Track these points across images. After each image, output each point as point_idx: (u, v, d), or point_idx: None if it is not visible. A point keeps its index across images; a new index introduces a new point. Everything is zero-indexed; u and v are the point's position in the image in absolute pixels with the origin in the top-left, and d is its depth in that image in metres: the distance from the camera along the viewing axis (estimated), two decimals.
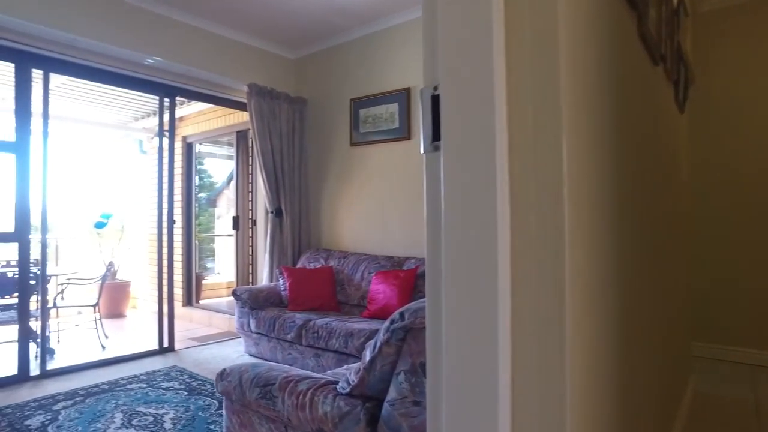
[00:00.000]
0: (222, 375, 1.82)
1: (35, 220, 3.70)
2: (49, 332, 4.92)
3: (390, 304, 3.79)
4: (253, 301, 4.13)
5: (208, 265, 9.49)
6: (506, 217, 0.97)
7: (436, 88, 1.09)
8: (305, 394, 1.56)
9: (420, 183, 4.25)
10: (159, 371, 3.69)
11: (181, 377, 3.55)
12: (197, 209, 9.16)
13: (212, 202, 10.26)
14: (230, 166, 6.26)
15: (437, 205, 1.05)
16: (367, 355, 1.41)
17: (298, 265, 4.76)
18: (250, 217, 5.22)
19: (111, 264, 5.03)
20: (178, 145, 6.50)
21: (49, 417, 2.86)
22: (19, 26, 3.41)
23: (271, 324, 3.90)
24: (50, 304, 4.81)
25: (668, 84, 2.36)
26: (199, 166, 10.99)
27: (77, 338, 5.06)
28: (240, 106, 4.90)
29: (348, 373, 1.52)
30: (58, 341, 5.04)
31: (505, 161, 0.98)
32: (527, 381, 0.98)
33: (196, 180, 10.64)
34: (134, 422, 2.74)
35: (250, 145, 5.17)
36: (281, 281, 4.32)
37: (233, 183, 6.05)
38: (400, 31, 4.42)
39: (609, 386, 1.29)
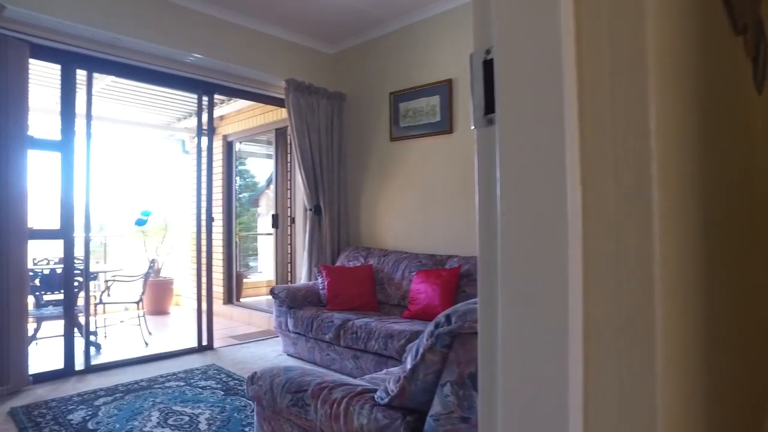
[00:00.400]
0: (253, 379, 1.71)
1: (80, 218, 3.73)
2: (96, 328, 5.02)
3: (432, 304, 3.62)
4: (291, 300, 4.04)
5: (251, 264, 9.59)
6: (577, 201, 0.80)
7: (488, 52, 0.92)
8: (340, 402, 1.42)
9: (464, 178, 4.06)
10: (197, 369, 3.65)
11: (218, 376, 3.49)
12: (239, 209, 9.25)
13: (254, 202, 10.37)
14: (271, 165, 6.24)
15: (491, 189, 0.88)
16: (409, 362, 1.26)
17: (337, 264, 4.65)
18: (289, 214, 5.16)
19: (153, 261, 5.08)
20: (218, 144, 6.53)
21: (89, 412, 2.85)
22: (64, 27, 3.45)
23: (309, 324, 3.80)
24: (96, 301, 4.91)
25: (747, 60, 2.10)
26: (241, 167, 11.13)
27: (122, 334, 5.13)
28: (278, 103, 4.83)
29: (387, 381, 1.37)
30: (105, 336, 5.13)
31: (575, 133, 0.80)
32: (605, 402, 0.80)
33: (237, 180, 10.74)
34: (170, 421, 2.69)
35: (288, 142, 5.11)
36: (320, 280, 4.22)
37: (273, 182, 6.01)
38: (439, 21, 4.24)
39: (704, 414, 1.09)
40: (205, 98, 4.40)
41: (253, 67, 4.39)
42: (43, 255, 5.21)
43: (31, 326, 4.48)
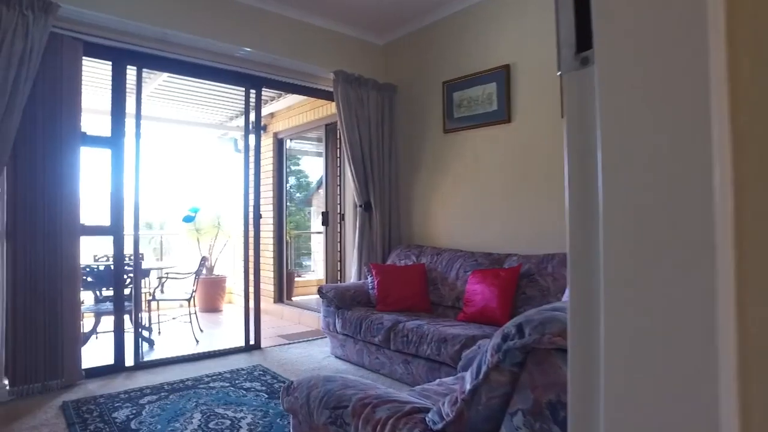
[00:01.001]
0: (288, 389, 1.52)
1: (133, 215, 3.72)
2: (150, 324, 5.07)
3: (489, 306, 3.34)
4: (339, 300, 3.87)
5: (305, 263, 9.57)
6: (727, 168, 0.53)
7: None
8: (384, 424, 1.20)
9: (523, 170, 3.75)
10: (243, 370, 3.55)
11: (263, 377, 3.37)
12: (292, 208, 9.24)
13: (308, 202, 10.36)
14: (322, 163, 6.13)
15: (587, 158, 0.63)
16: (468, 381, 1.02)
17: (388, 262, 4.45)
18: (338, 211, 5.00)
19: (204, 259, 5.07)
20: (269, 142, 6.49)
21: (134, 411, 2.79)
22: (115, 24, 3.43)
23: (358, 325, 3.61)
24: (149, 297, 4.95)
25: None
26: (294, 167, 11.17)
27: (175, 331, 5.15)
28: (327, 96, 4.68)
29: (442, 402, 1.13)
30: (159, 333, 5.17)
31: (722, 65, 0.54)
32: None
33: (290, 181, 10.77)
34: (211, 425, 2.57)
35: (338, 137, 4.96)
36: (369, 279, 4.03)
37: (323, 178, 5.89)
38: (493, 4, 3.94)
39: None
40: (252, 92, 4.31)
41: (301, 60, 4.26)
42: (102, 252, 5.33)
43: (90, 321, 4.57)
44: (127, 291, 4.07)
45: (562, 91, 0.70)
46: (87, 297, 4.90)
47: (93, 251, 5.46)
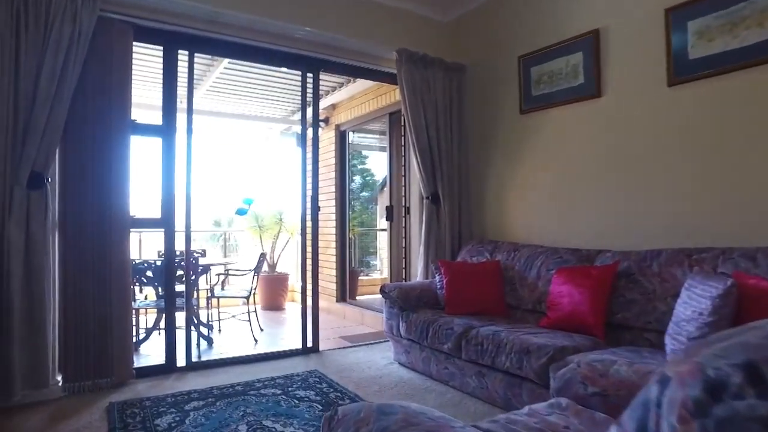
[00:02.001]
0: (330, 423, 1.13)
1: (184, 208, 3.52)
2: (210, 322, 4.92)
3: (578, 310, 2.81)
4: (403, 301, 3.47)
5: (371, 262, 9.28)
6: None
7: None
8: None
9: (617, 152, 3.17)
10: (297, 375, 3.23)
11: (319, 385, 3.03)
12: (359, 207, 8.96)
13: (374, 200, 10.09)
14: (386, 158, 5.76)
15: None
16: None
17: (458, 259, 3.99)
18: (404, 204, 4.60)
19: (263, 256, 4.84)
20: (330, 135, 6.22)
21: (177, 418, 2.53)
22: (165, 5, 3.23)
23: (424, 329, 3.19)
24: (208, 294, 4.79)
25: None
26: (361, 166, 10.94)
27: (235, 329, 4.98)
28: (390, 79, 4.30)
29: None
30: (220, 331, 5.02)
31: None
32: None
33: (356, 180, 10.51)
34: None
35: (403, 124, 4.56)
36: (437, 278, 3.59)
37: (387, 170, 5.52)
38: None
39: None
40: (310, 75, 4.00)
41: (362, 38, 3.90)
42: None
43: (152, 317, 4.47)
44: (182, 288, 3.90)
45: None
46: (149, 293, 4.83)
47: (157, 247, 5.44)
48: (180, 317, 3.52)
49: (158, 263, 4.12)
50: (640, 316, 2.64)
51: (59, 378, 2.92)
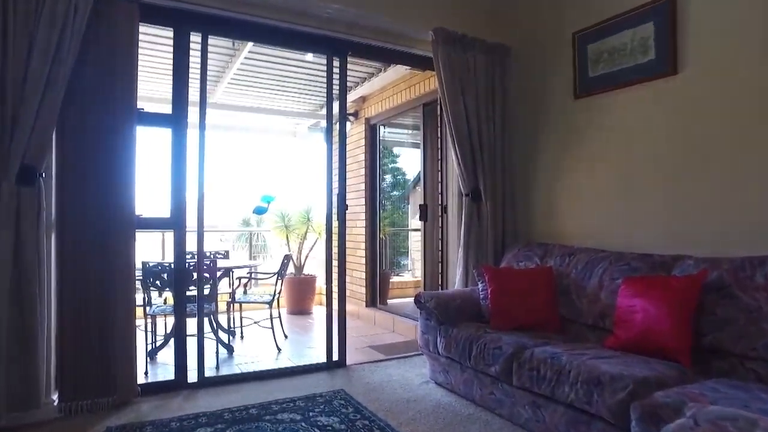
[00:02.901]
0: None
1: (196, 207, 3.15)
2: (232, 328, 4.58)
3: (656, 330, 2.29)
4: (441, 313, 3.00)
5: (402, 262, 8.85)
6: None
7: None
8: None
9: (702, 140, 2.63)
10: (320, 396, 2.81)
11: (344, 410, 2.60)
12: (389, 206, 8.53)
13: (405, 199, 9.65)
14: (419, 156, 5.32)
15: None
16: None
17: (503, 265, 3.49)
18: (440, 202, 4.12)
19: (287, 258, 4.46)
20: (360, 129, 5.80)
21: None
22: None
23: (466, 348, 2.72)
24: (230, 299, 4.45)
25: None
26: (392, 164, 10.50)
27: (258, 336, 4.62)
28: (425, 63, 3.83)
29: None
30: (242, 337, 4.68)
31: None
32: None
33: (387, 178, 10.05)
34: None
35: (439, 113, 4.10)
36: (480, 286, 3.11)
37: (420, 165, 5.06)
38: None
39: None
40: (336, 59, 3.58)
41: (394, 17, 3.45)
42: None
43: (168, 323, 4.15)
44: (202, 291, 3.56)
45: None
46: (168, 297, 4.51)
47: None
48: (193, 325, 3.16)
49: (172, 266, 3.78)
50: (741, 341, 2.10)
51: (55, 397, 2.59)
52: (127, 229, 2.74)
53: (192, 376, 3.06)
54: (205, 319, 3.94)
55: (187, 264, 3.18)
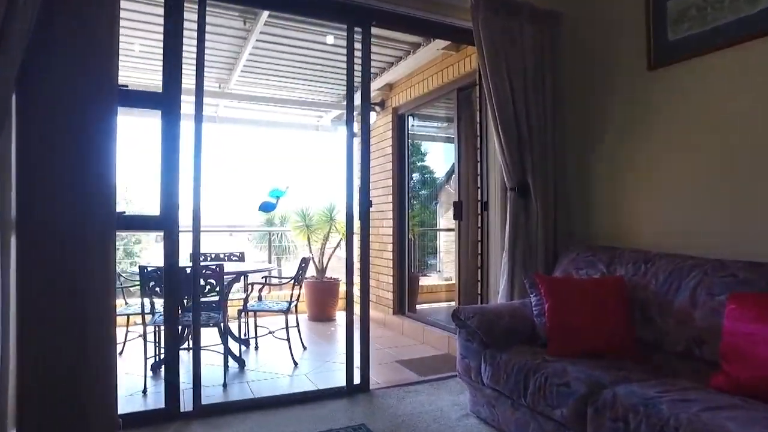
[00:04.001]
0: None
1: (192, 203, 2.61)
2: (245, 338, 4.07)
3: None
4: (486, 333, 2.37)
5: (430, 262, 8.23)
6: None
7: None
8: None
9: None
10: None
11: None
12: (417, 205, 7.89)
13: (435, 196, 9.01)
14: (451, 150, 4.70)
15: None
16: None
17: (557, 273, 2.83)
18: (479, 198, 3.47)
19: (305, 261, 3.90)
20: (387, 120, 5.21)
21: None
22: None
23: (520, 380, 2.09)
24: (241, 307, 3.93)
25: None
26: (420, 163, 9.86)
27: (273, 347, 4.08)
28: (462, 36, 3.21)
29: None
30: (257, 348, 4.15)
31: None
32: None
33: (414, 177, 9.36)
34: None
35: (477, 96, 3.48)
36: (533, 299, 2.47)
37: (454, 157, 4.43)
38: None
39: None
40: (358, 30, 2.98)
41: None
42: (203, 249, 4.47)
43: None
44: (206, 297, 3.04)
45: None
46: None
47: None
48: (178, 342, 2.62)
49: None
50: None
51: None
52: (105, 230, 2.20)
53: (188, 403, 2.52)
54: (215, 330, 3.43)
55: (188, 268, 2.66)
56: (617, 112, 2.84)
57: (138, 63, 4.33)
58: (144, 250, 10.19)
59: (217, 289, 3.28)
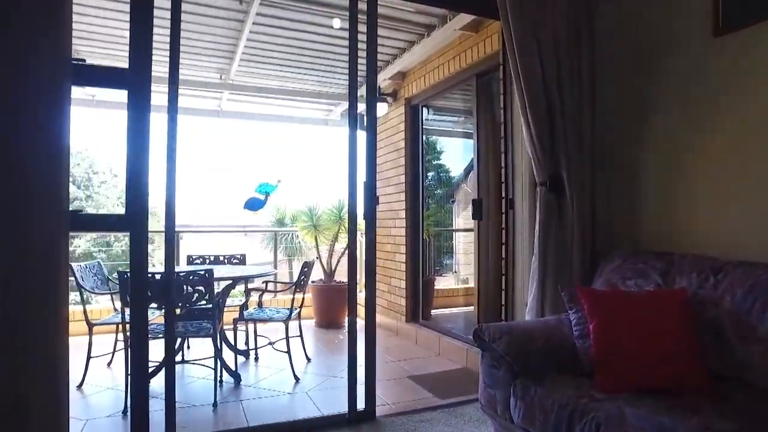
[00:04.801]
0: None
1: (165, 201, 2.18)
2: (247, 347, 3.67)
3: None
4: (518, 358, 1.89)
5: (446, 261, 7.77)
6: None
7: None
8: None
9: None
10: None
11: None
12: (433, 206, 7.39)
13: (450, 195, 8.52)
14: (470, 146, 4.22)
15: None
16: None
17: (597, 283, 2.33)
18: (503, 195, 2.98)
19: (307, 265, 3.46)
20: (400, 111, 4.74)
21: None
22: None
23: (562, 424, 1.61)
24: (238, 315, 3.52)
25: None
26: (435, 161, 9.35)
27: (275, 359, 3.66)
28: (479, 6, 2.74)
29: None
30: (256, 359, 3.74)
31: None
32: None
33: (430, 175, 8.82)
34: None
35: (501, 77, 3.00)
36: (572, 316, 1.98)
37: (473, 152, 3.94)
38: None
39: None
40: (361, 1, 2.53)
41: None
42: (205, 251, 4.08)
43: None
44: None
45: None
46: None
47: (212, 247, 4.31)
48: (146, 361, 2.20)
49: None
50: None
51: None
52: (54, 231, 1.79)
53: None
54: (209, 341, 3.02)
55: (177, 274, 2.25)
56: (673, 90, 2.33)
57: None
58: (156, 250, 9.91)
59: (207, 297, 2.87)
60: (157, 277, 2.83)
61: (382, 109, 4.73)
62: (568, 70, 2.49)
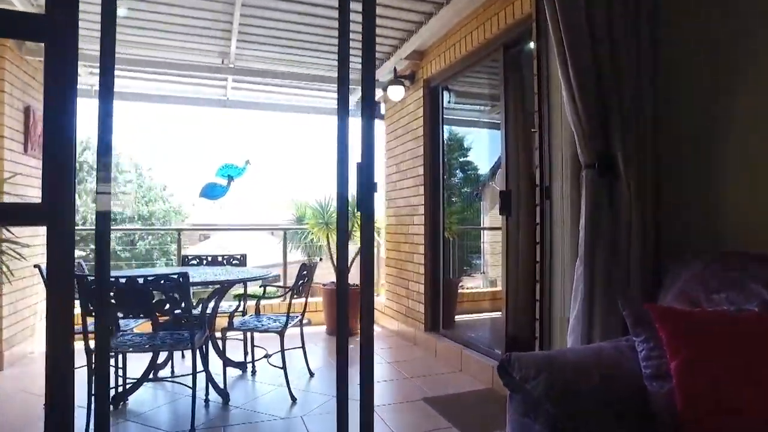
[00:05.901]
0: None
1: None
2: (244, 360, 3.19)
3: None
4: (560, 406, 1.29)
5: (474, 261, 7.16)
6: None
7: None
8: None
9: None
10: None
11: None
12: (459, 204, 6.73)
13: (477, 190, 7.89)
14: (497, 139, 3.61)
15: None
16: None
17: (668, 297, 1.69)
18: (537, 183, 2.33)
19: (306, 268, 2.94)
20: (418, 95, 4.17)
21: None
22: None
23: None
24: (228, 324, 3.04)
25: None
26: (462, 159, 8.69)
27: (270, 375, 3.15)
28: None
29: None
30: (254, 373, 3.25)
31: None
32: None
33: (457, 174, 8.08)
34: None
35: (535, 37, 2.39)
36: (640, 345, 1.37)
37: (501, 137, 3.33)
38: None
39: None
40: None
41: None
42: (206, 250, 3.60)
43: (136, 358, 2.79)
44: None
45: None
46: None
47: (224, 247, 3.85)
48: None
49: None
50: None
51: None
52: None
53: None
54: (196, 355, 2.53)
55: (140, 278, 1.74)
56: (761, 53, 1.68)
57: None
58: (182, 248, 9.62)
59: (183, 304, 2.38)
60: (122, 281, 2.37)
61: (398, 93, 4.17)
62: (624, 25, 1.87)
